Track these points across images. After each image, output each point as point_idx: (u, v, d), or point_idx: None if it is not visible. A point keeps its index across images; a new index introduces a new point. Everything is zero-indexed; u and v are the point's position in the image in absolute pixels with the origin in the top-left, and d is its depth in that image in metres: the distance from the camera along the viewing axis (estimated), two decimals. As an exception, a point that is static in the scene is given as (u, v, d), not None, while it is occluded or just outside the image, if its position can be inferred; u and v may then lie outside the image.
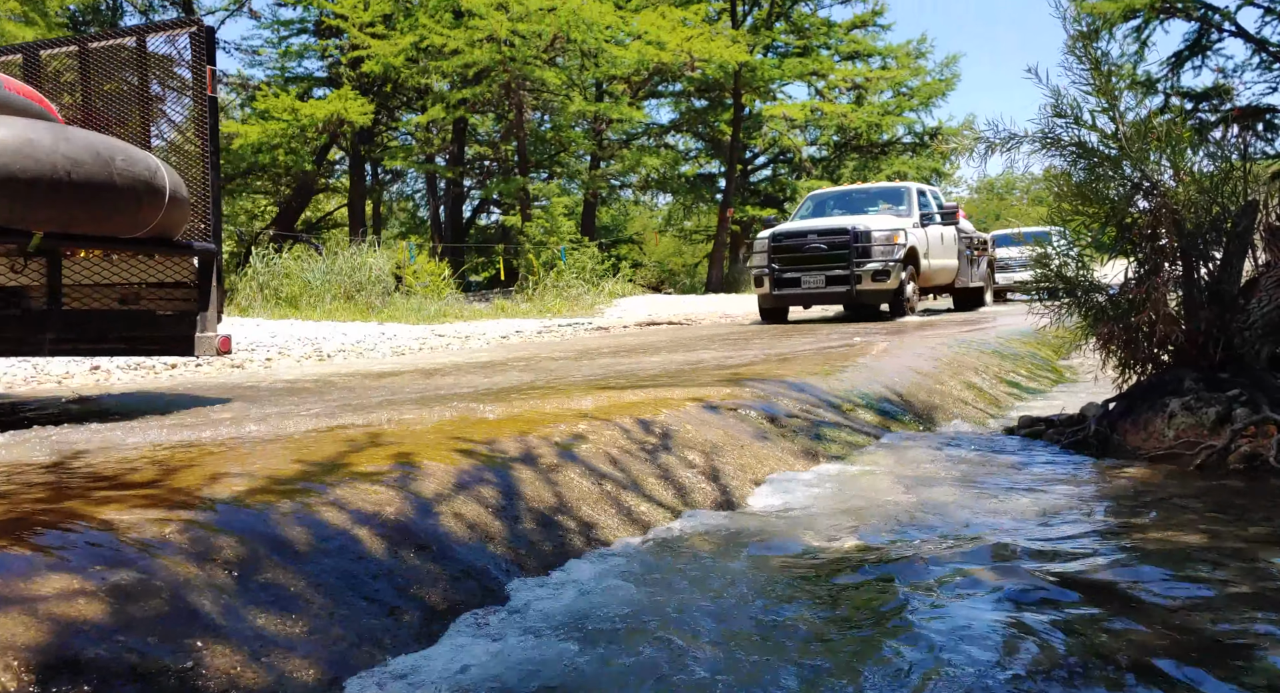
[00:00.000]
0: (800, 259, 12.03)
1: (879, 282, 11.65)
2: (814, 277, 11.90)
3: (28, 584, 1.63)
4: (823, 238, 11.93)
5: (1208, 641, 1.89)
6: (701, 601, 2.17)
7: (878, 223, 12.01)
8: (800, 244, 12.06)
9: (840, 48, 28.58)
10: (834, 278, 11.83)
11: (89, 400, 4.96)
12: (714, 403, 3.92)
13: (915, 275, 12.27)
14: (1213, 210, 3.71)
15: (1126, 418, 3.92)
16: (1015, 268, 19.27)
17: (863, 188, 14.50)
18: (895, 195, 13.58)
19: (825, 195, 14.44)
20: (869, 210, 13.02)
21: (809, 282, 11.93)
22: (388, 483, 2.50)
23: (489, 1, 19.13)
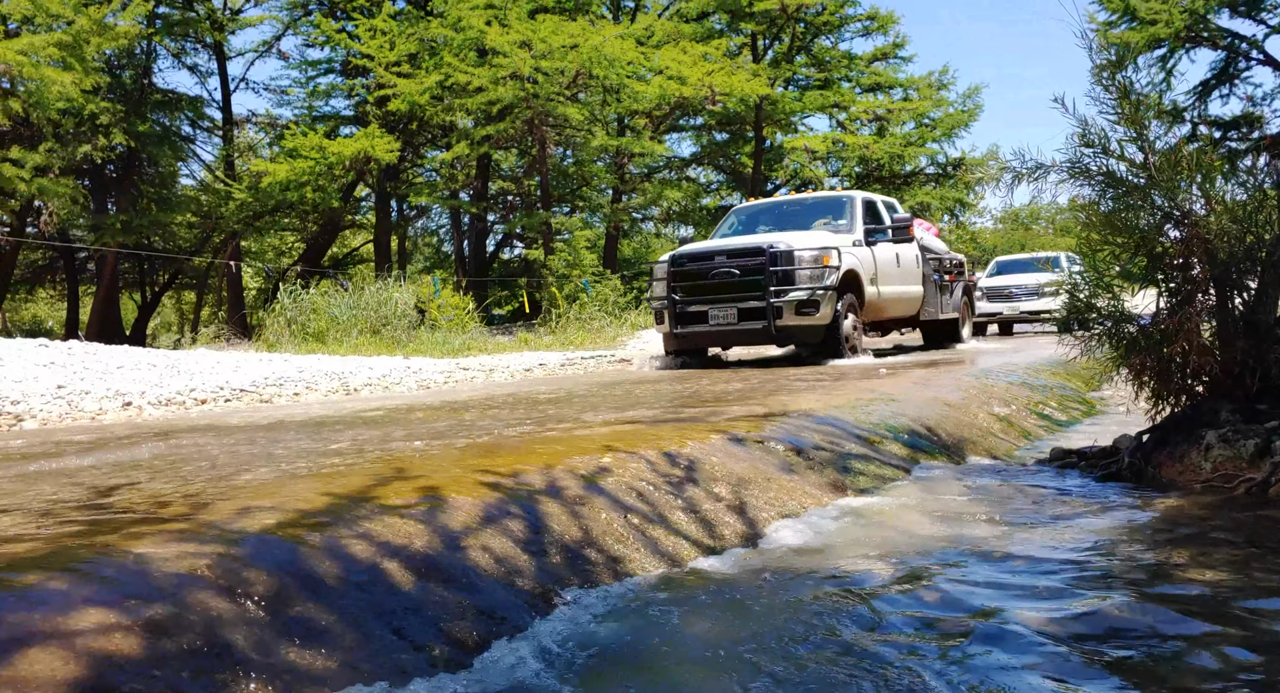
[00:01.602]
0: (707, 288, 9.56)
1: (805, 315, 9.19)
2: (724, 310, 9.43)
3: (65, 619, 1.63)
4: (734, 261, 9.42)
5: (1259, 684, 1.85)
6: (734, 638, 2.14)
7: (803, 241, 9.48)
8: (706, 269, 9.56)
9: (861, 80, 28.70)
10: (748, 312, 9.35)
11: (168, 433, 5.00)
12: (739, 435, 3.90)
13: (857, 306, 9.83)
14: (1246, 240, 3.67)
15: (1161, 450, 3.86)
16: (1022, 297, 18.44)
17: (797, 199, 11.79)
18: (835, 207, 10.89)
19: (754, 208, 11.77)
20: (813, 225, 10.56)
21: (718, 316, 9.45)
22: (416, 516, 2.49)
23: (512, 40, 19.37)
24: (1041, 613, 2.23)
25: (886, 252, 10.63)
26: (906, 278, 11.18)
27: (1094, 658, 1.97)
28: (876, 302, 10.32)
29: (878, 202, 11.30)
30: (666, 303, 9.73)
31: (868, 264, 10.10)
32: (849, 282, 9.62)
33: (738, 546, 2.96)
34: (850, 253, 9.71)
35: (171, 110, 22.09)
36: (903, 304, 11.23)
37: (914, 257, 11.42)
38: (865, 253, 10.13)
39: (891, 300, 10.76)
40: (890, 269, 10.68)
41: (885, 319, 11.19)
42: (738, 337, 9.62)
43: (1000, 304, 18.83)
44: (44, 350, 9.00)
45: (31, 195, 16.94)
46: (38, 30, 15.99)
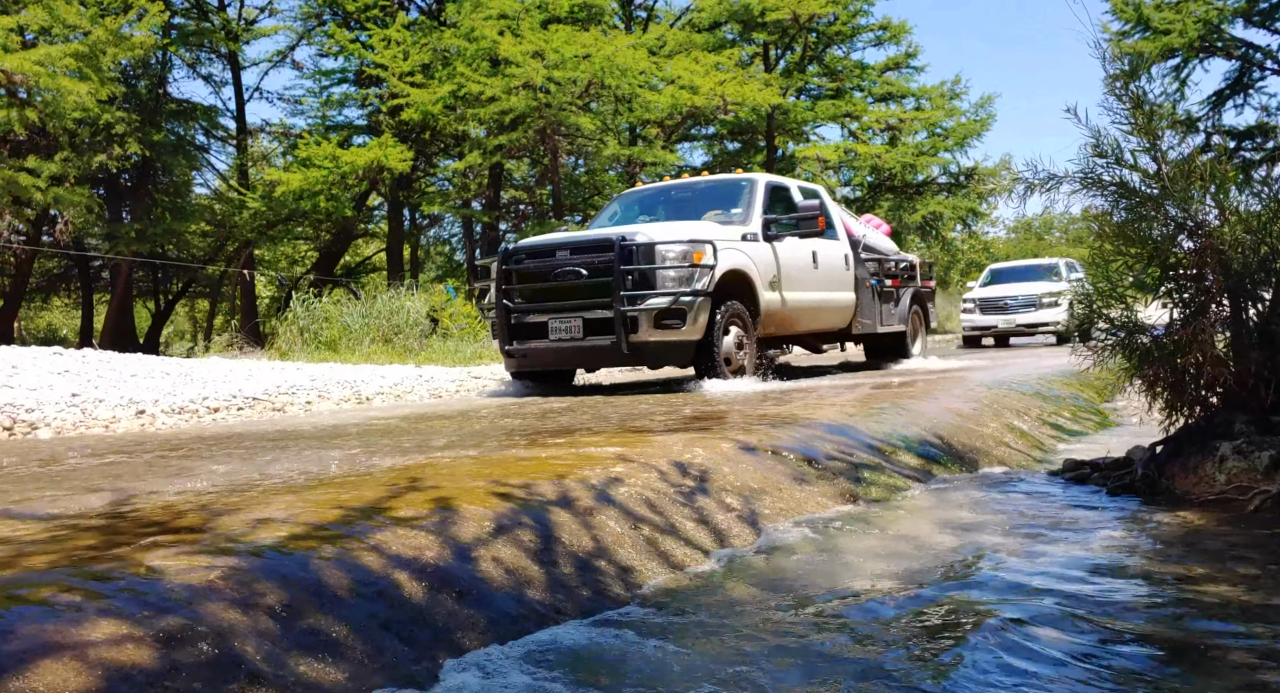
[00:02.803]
0: (548, 292, 7.54)
1: (668, 328, 7.17)
2: (566, 321, 7.40)
3: (77, 630, 1.64)
4: (579, 258, 7.38)
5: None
6: (743, 647, 2.13)
7: (669, 232, 7.47)
8: (547, 268, 7.52)
9: (874, 90, 28.70)
10: (596, 323, 7.32)
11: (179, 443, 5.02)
12: (751, 444, 3.89)
13: (748, 317, 7.83)
14: (1260, 250, 3.65)
15: (1175, 462, 3.84)
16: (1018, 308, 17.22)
17: (689, 183, 9.58)
18: (730, 193, 8.76)
19: (640, 194, 9.65)
20: (705, 215, 8.54)
21: (559, 330, 7.42)
22: (427, 528, 2.49)
23: (525, 50, 19.44)
24: (1053, 626, 2.22)
25: (797, 250, 8.62)
26: (830, 282, 9.21)
27: (1106, 673, 1.95)
28: (780, 311, 8.33)
29: (791, 187, 9.20)
30: (497, 312, 7.69)
31: (765, 264, 8.09)
32: (734, 285, 7.67)
33: (748, 551, 2.95)
34: (736, 249, 7.75)
35: (186, 120, 22.25)
36: (825, 314, 9.24)
37: (842, 257, 9.48)
38: (762, 250, 8.12)
39: (804, 309, 8.77)
40: (803, 271, 8.70)
41: (801, 333, 9.23)
42: (583, 356, 7.57)
43: (994, 317, 17.65)
44: (59, 359, 9.06)
45: (47, 204, 17.07)
46: (54, 41, 16.13)
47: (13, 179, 15.53)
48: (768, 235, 8.28)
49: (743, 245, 7.93)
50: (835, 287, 9.35)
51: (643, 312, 7.17)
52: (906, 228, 28.45)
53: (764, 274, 8.07)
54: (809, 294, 8.83)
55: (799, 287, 8.62)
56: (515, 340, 7.72)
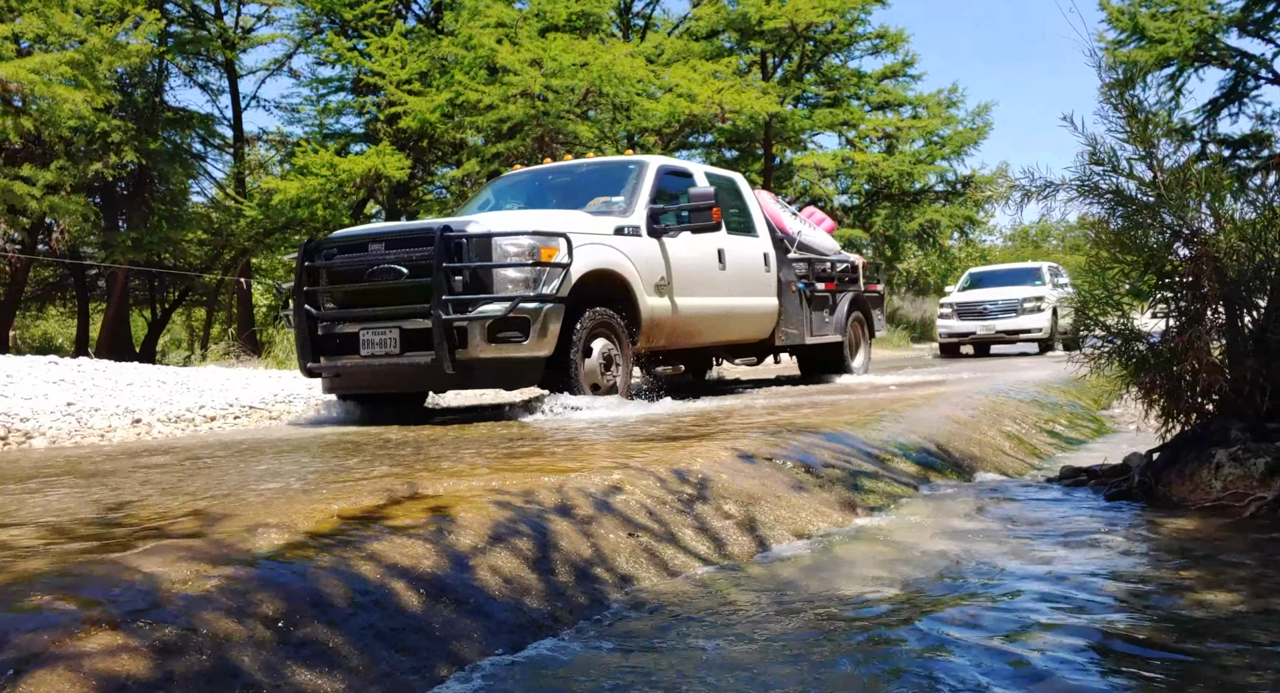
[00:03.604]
0: (361, 296, 6.17)
1: (506, 342, 5.81)
2: (381, 332, 5.99)
3: (72, 639, 1.63)
4: (398, 253, 6.01)
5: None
6: (740, 655, 2.13)
7: (511, 222, 6.19)
8: (360, 265, 6.10)
9: (871, 98, 28.76)
10: (416, 335, 5.91)
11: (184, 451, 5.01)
12: (750, 452, 3.89)
13: (625, 328, 6.57)
14: (1255, 258, 3.66)
15: (1171, 468, 3.84)
16: (998, 313, 16.34)
17: (569, 166, 8.23)
18: (615, 178, 7.44)
19: (515, 180, 8.26)
20: (589, 203, 7.22)
21: (374, 342, 6.01)
22: (425, 537, 2.49)
23: (523, 59, 19.48)
24: (1049, 632, 2.22)
25: (696, 247, 7.35)
26: (742, 286, 7.97)
27: (1101, 679, 1.95)
28: (671, 320, 7.02)
29: (696, 174, 7.97)
30: (296, 320, 6.30)
31: (649, 263, 6.83)
32: (602, 289, 6.41)
33: (747, 560, 2.95)
34: (605, 245, 6.46)
35: (183, 128, 22.25)
36: (736, 323, 8.00)
37: (761, 256, 8.30)
38: (646, 247, 6.84)
39: (706, 318, 7.50)
40: (704, 272, 7.47)
41: (705, 345, 8.05)
42: (400, 377, 6.05)
43: (972, 322, 16.71)
44: (54, 368, 9.05)
45: (43, 213, 17.06)
46: (50, 49, 16.14)
47: (8, 188, 15.53)
48: (655, 229, 6.96)
49: (616, 241, 6.57)
50: (750, 291, 8.09)
51: (473, 321, 5.72)
52: (904, 236, 28.51)
53: (647, 275, 6.78)
54: (713, 300, 7.58)
55: (699, 290, 7.37)
56: (318, 355, 6.25)
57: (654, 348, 7.19)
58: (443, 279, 5.75)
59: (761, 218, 8.63)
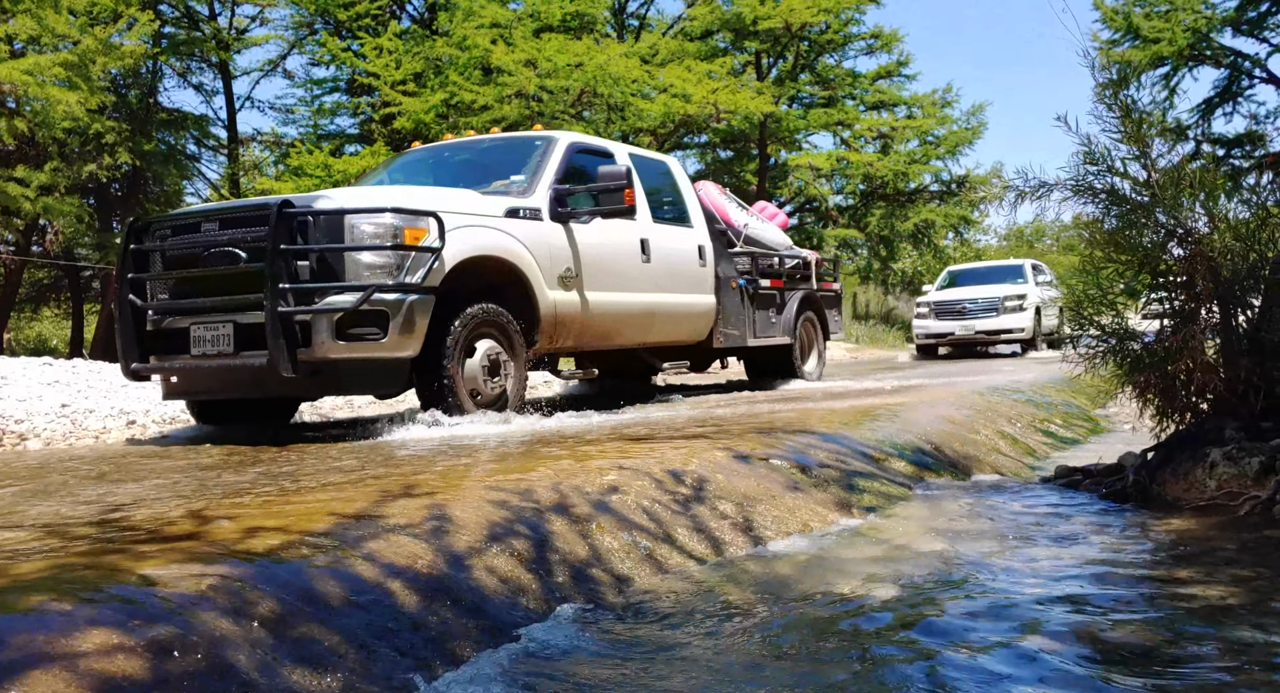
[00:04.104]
0: (193, 284, 5.31)
1: (360, 340, 4.94)
2: (214, 327, 5.12)
3: (68, 640, 1.63)
4: (234, 233, 5.13)
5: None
6: (733, 655, 2.13)
7: (371, 198, 5.26)
8: (192, 248, 5.23)
9: (865, 98, 28.79)
10: (251, 331, 5.00)
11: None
12: (745, 453, 3.89)
13: (517, 326, 5.68)
14: (1250, 257, 3.67)
15: (1165, 468, 3.85)
16: (978, 313, 15.59)
17: (472, 142, 7.31)
18: (520, 155, 6.55)
19: (416, 156, 7.31)
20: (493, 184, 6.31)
21: (206, 339, 5.14)
22: (421, 535, 2.49)
23: (518, 59, 19.48)
24: (1043, 631, 2.23)
25: (613, 236, 6.57)
26: (671, 280, 7.14)
27: (1095, 676, 1.95)
28: (580, 318, 6.20)
29: (617, 154, 7.08)
30: (120, 311, 5.40)
31: (551, 251, 5.97)
32: (488, 279, 5.63)
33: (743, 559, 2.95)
34: (492, 228, 5.60)
35: (177, 129, 22.20)
36: (664, 322, 7.12)
37: (695, 249, 7.52)
38: (547, 232, 5.98)
39: (625, 316, 6.71)
40: (623, 264, 6.66)
41: (625, 347, 7.07)
42: (236, 381, 5.20)
43: (951, 322, 15.90)
44: (48, 369, 9.03)
45: (37, 214, 17.02)
46: (44, 50, 16.10)
47: (2, 189, 15.49)
48: (561, 214, 6.12)
49: (508, 224, 5.71)
50: (682, 286, 7.28)
51: (319, 314, 4.81)
52: (899, 236, 28.53)
53: (548, 266, 5.93)
54: (634, 296, 6.75)
55: (616, 285, 6.56)
56: (144, 353, 5.34)
57: (559, 350, 6.34)
58: (280, 264, 4.81)
59: (698, 207, 7.84)
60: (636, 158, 7.36)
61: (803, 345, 9.06)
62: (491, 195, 5.94)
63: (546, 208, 6.10)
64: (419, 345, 5.10)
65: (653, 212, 7.14)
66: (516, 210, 5.88)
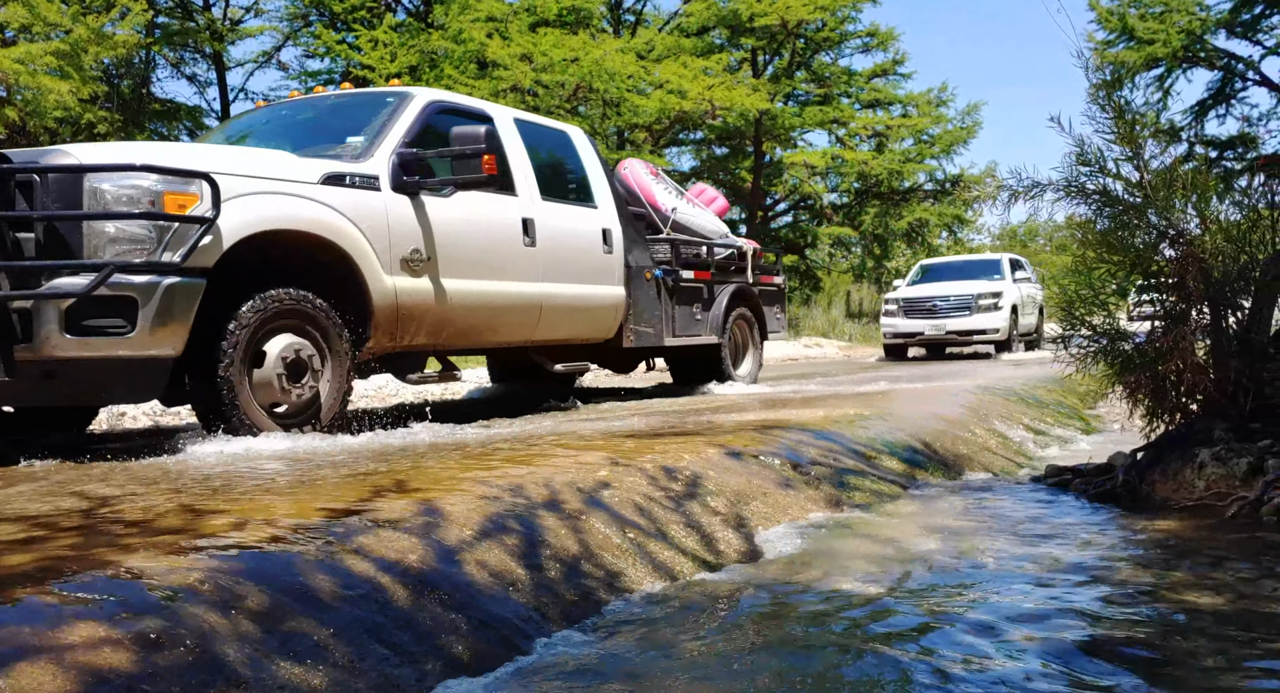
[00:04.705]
0: None
1: (100, 334, 3.91)
2: None
3: (55, 632, 1.63)
4: None
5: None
6: (724, 654, 2.14)
7: (123, 153, 4.22)
8: None
9: (861, 96, 28.81)
10: None
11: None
12: (737, 449, 3.90)
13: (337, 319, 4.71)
14: (1240, 259, 3.69)
15: (1155, 468, 3.87)
16: (950, 311, 14.44)
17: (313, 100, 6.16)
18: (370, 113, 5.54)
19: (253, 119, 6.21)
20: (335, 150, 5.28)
21: None
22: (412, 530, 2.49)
23: (513, 53, 19.45)
24: (1033, 629, 2.23)
25: (483, 213, 5.61)
26: (564, 268, 6.18)
27: (1082, 676, 1.96)
28: (433, 310, 5.22)
29: (500, 119, 6.06)
30: None
31: (393, 228, 4.99)
32: (298, 259, 4.67)
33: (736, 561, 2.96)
34: (306, 197, 4.56)
35: (170, 120, 22.12)
36: (554, 317, 6.14)
37: (596, 232, 6.54)
38: (385, 205, 4.98)
39: (497, 308, 5.71)
40: (495, 247, 5.68)
41: (507, 345, 6.14)
42: None
43: (920, 321, 14.70)
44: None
45: (30, 203, 16.95)
46: (35, 39, 16.02)
47: (-5, 178, 15.42)
48: (406, 183, 5.10)
49: (325, 193, 4.65)
50: (579, 275, 6.32)
51: (44, 301, 3.83)
52: (893, 234, 28.57)
53: (386, 244, 4.93)
54: (512, 285, 5.77)
55: (488, 271, 5.60)
56: None
57: (413, 348, 5.34)
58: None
59: (605, 185, 6.84)
60: (525, 124, 6.37)
61: (736, 345, 8.19)
62: (313, 158, 4.89)
63: (387, 175, 5.06)
64: (181, 342, 4.05)
65: (544, 187, 6.15)
66: (341, 177, 4.79)
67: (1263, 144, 20.07)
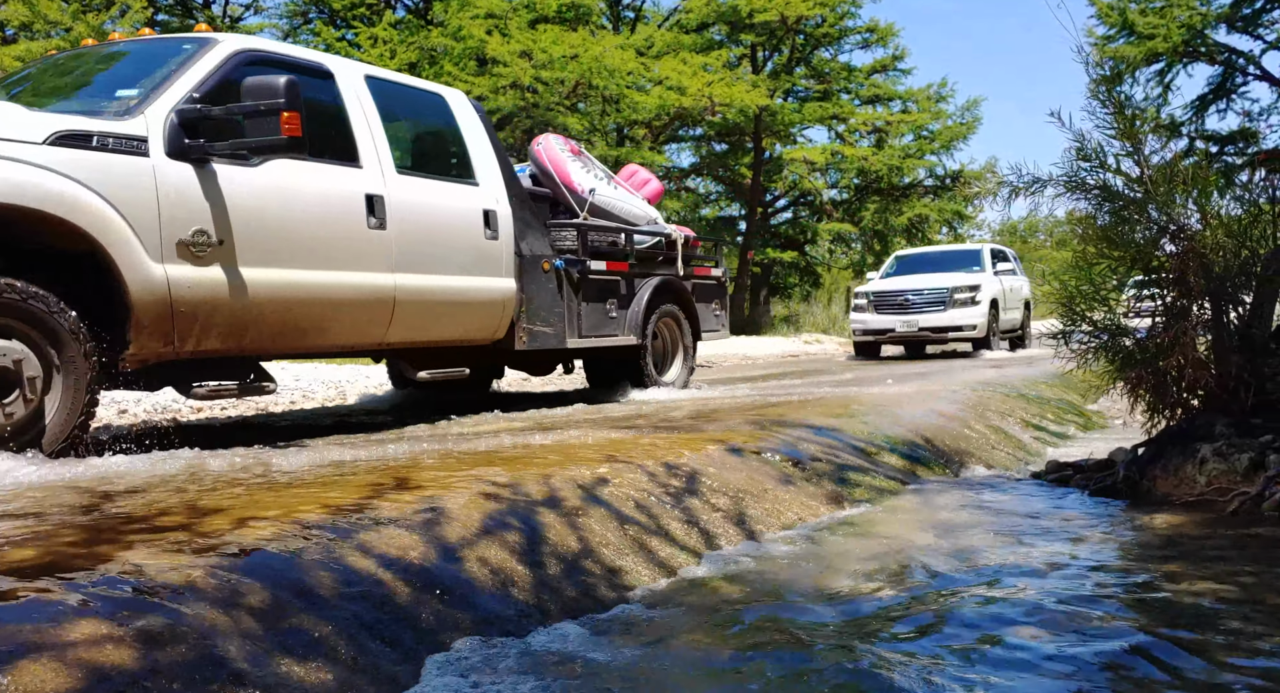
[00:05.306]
0: None
1: None
2: None
3: (57, 629, 1.63)
4: None
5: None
6: (725, 651, 2.14)
7: None
8: None
9: (861, 92, 28.77)
10: None
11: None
12: (737, 446, 3.90)
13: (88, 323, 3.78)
14: (1241, 254, 3.69)
15: (1156, 464, 3.87)
16: (924, 306, 13.28)
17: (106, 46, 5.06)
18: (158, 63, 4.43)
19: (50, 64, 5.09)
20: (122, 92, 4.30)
21: None
22: (413, 527, 2.49)
23: (513, 50, 19.44)
24: (1034, 626, 2.24)
25: (307, 187, 4.59)
26: (427, 257, 5.22)
27: (1083, 671, 1.96)
28: (225, 306, 4.26)
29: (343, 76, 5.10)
30: None
31: (167, 204, 4.05)
32: (27, 241, 3.80)
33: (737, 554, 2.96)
34: (29, 160, 3.64)
35: (171, 117, 22.11)
36: (414, 315, 5.16)
37: (475, 213, 5.56)
38: (158, 175, 4.05)
39: (327, 305, 4.70)
40: (325, 229, 4.66)
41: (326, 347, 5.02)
42: None
43: (891, 317, 13.46)
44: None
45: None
46: (35, 37, 16.02)
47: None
48: (189, 148, 4.16)
49: (54, 157, 3.70)
50: (448, 265, 5.35)
51: None
52: (893, 230, 28.56)
53: (154, 225, 4.00)
54: (350, 276, 4.76)
55: (306, 258, 4.56)
56: None
57: (194, 355, 4.27)
58: None
59: (493, 159, 5.86)
60: (381, 83, 5.35)
61: (664, 347, 7.22)
62: (52, 114, 3.92)
63: (161, 137, 4.08)
64: None
65: (403, 159, 5.25)
66: (84, 137, 3.81)
67: (1263, 139, 20.05)
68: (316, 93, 4.85)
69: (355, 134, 4.95)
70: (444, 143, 5.82)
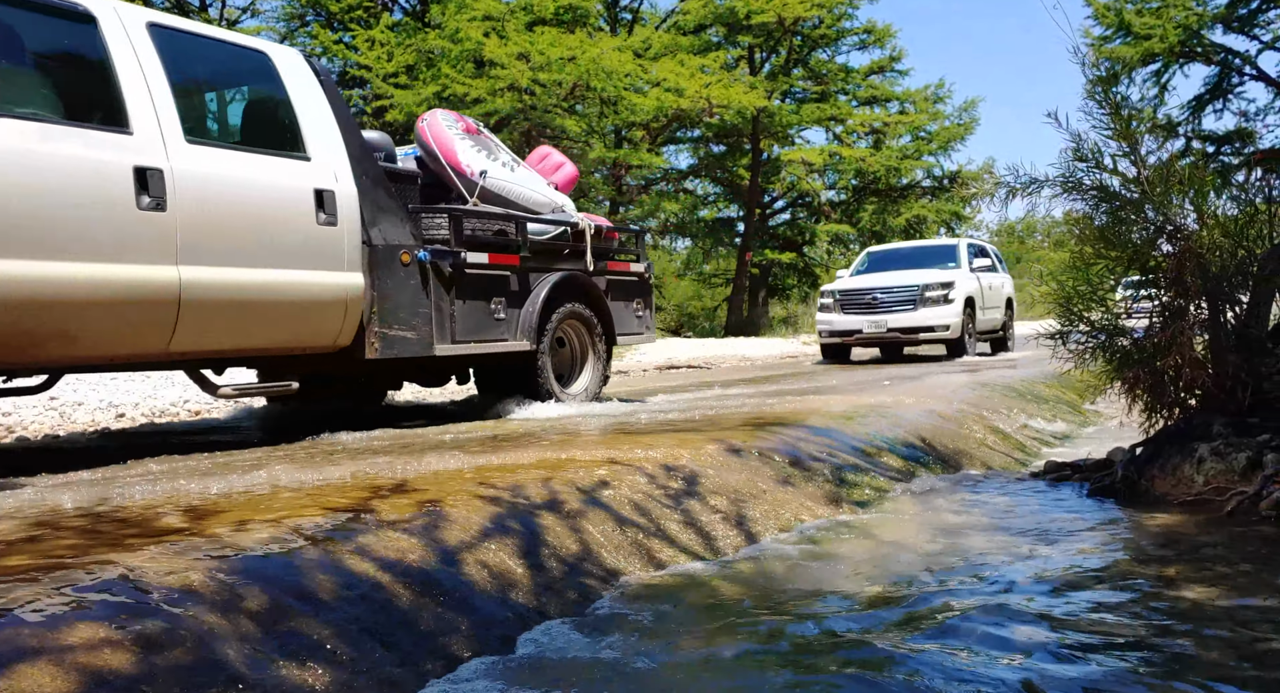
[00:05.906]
0: None
1: None
2: None
3: (55, 634, 1.63)
4: None
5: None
6: (721, 651, 2.14)
7: None
8: None
9: (858, 93, 28.79)
10: None
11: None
12: (737, 446, 3.90)
13: None
14: (1238, 254, 3.69)
15: (1154, 463, 3.87)
16: (894, 305, 12.32)
17: None
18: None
19: None
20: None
21: None
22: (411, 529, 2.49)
23: (510, 52, 19.44)
24: (1032, 625, 2.24)
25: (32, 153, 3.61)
26: (230, 246, 4.30)
27: (1082, 671, 1.97)
28: None
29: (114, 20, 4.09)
30: None
31: None
32: None
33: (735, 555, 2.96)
34: None
35: (168, 121, 22.10)
36: (213, 318, 4.26)
37: (304, 193, 4.69)
38: None
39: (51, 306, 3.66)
40: (64, 206, 3.70)
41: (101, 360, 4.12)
42: None
43: (859, 317, 12.47)
44: (39, 361, 8.97)
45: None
46: None
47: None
48: None
49: None
50: (262, 257, 4.46)
51: None
52: (891, 231, 28.58)
53: None
54: (98, 268, 3.80)
55: (34, 247, 3.61)
56: None
57: None
58: None
59: (334, 130, 4.98)
60: (170, 33, 4.38)
61: (572, 352, 6.37)
62: None
63: None
64: None
65: (195, 127, 4.40)
66: None
67: (1260, 139, 20.07)
68: (69, 39, 4.02)
69: (124, 93, 3.99)
70: (264, 109, 4.97)
